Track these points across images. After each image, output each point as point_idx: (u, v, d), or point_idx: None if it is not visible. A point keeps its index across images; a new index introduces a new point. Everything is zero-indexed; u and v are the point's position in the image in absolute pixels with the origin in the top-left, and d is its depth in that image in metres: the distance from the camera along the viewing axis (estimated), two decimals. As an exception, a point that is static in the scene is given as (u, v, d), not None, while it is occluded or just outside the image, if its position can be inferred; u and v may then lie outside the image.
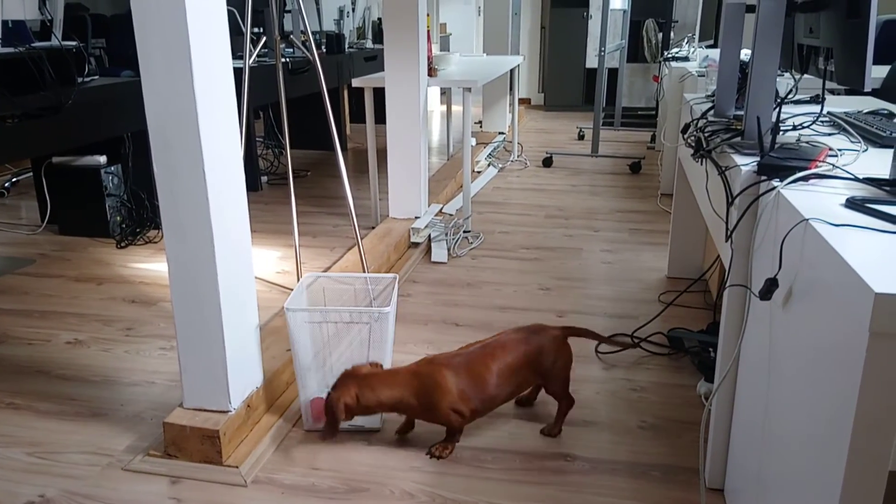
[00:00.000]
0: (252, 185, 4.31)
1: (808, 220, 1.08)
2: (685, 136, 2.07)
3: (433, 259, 3.18)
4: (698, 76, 3.58)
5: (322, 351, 1.84)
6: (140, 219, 3.48)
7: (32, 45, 2.85)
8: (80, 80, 2.95)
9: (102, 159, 3.33)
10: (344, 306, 2.06)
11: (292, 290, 2.78)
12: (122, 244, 3.34)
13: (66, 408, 1.99)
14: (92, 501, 1.61)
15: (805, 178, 1.30)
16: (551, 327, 1.86)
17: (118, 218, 3.43)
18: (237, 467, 1.70)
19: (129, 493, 1.64)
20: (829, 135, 1.72)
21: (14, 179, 4.42)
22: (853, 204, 1.15)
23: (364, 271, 2.62)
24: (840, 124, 1.80)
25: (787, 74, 1.97)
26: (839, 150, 1.53)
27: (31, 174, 4.29)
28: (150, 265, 3.09)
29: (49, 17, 3.03)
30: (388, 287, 2.04)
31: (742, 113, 1.66)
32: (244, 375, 1.80)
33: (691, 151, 1.86)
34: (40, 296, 2.77)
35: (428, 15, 3.45)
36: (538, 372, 1.82)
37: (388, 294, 2.02)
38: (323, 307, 1.97)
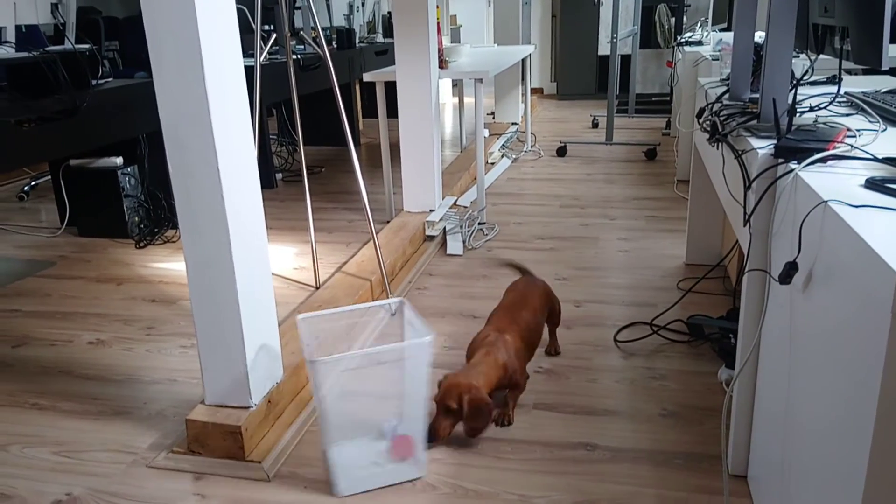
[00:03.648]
0: (267, 182, 4.33)
1: (827, 201, 1.07)
2: (700, 120, 2.05)
3: (449, 252, 3.18)
4: (712, 60, 3.54)
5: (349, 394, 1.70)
6: (157, 219, 3.51)
7: (46, 48, 2.87)
8: (94, 82, 2.98)
9: (119, 161, 3.36)
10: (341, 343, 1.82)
11: (310, 286, 2.79)
12: (141, 244, 3.37)
13: (89, 407, 2.02)
14: (117, 499, 1.64)
15: (823, 160, 1.29)
16: (530, 276, 2.19)
17: (136, 218, 3.46)
18: (260, 462, 1.72)
19: (153, 490, 1.66)
20: (847, 115, 1.70)
21: (33, 183, 4.47)
22: (873, 184, 1.13)
23: (380, 266, 2.62)
24: (858, 104, 1.77)
25: (802, 55, 1.94)
26: (857, 130, 1.51)
27: (49, 177, 4.34)
28: (168, 264, 3.12)
29: (62, 21, 3.05)
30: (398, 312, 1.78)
31: (757, 96, 1.64)
32: (264, 371, 1.81)
33: (707, 136, 1.84)
34: (62, 297, 2.80)
35: (438, 7, 3.44)
36: (550, 310, 2.13)
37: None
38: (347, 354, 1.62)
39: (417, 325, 1.65)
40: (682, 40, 4.83)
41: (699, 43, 4.63)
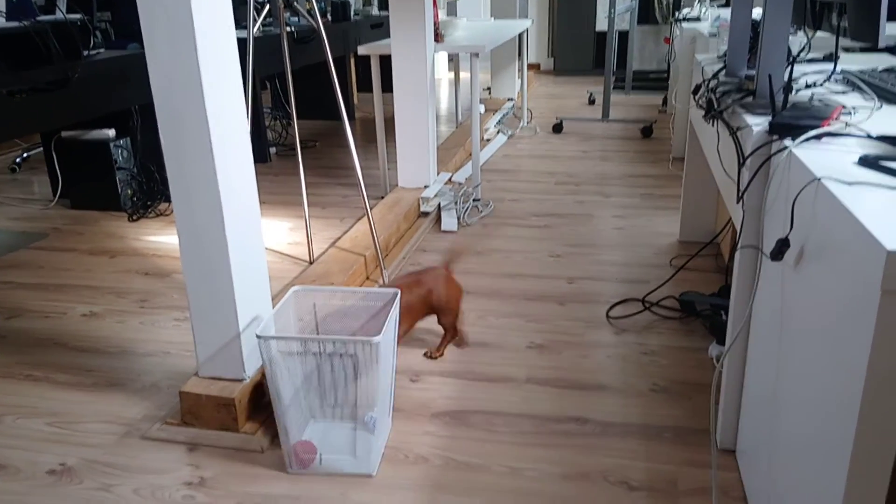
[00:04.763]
0: (260, 156, 4.30)
1: (820, 178, 1.07)
2: (696, 97, 2.05)
3: (443, 228, 3.18)
4: (710, 37, 3.52)
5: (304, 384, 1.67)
6: (150, 192, 3.49)
7: (37, 18, 2.83)
8: (86, 53, 2.94)
9: (111, 133, 3.34)
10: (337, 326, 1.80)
11: (304, 260, 2.79)
12: (134, 217, 3.36)
13: (83, 379, 2.03)
14: (111, 469, 1.65)
15: (818, 137, 1.29)
16: (439, 267, 2.12)
17: (129, 191, 3.45)
18: (254, 434, 1.73)
19: (147, 461, 1.67)
20: (843, 93, 1.69)
21: (25, 154, 4.43)
22: (866, 162, 1.13)
23: (374, 242, 2.62)
24: (854, 82, 1.77)
25: (799, 32, 1.93)
26: (853, 107, 1.51)
27: (41, 149, 4.30)
28: (161, 237, 3.11)
29: (53, -10, 3.01)
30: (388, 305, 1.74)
31: (754, 72, 1.63)
32: (258, 344, 1.82)
33: (702, 113, 1.83)
34: (55, 269, 2.80)
35: (434, -21, 3.40)
36: (431, 307, 2.05)
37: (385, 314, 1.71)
38: (300, 337, 1.68)
39: (390, 325, 1.62)
40: (680, 16, 4.79)
41: (697, 19, 4.60)
